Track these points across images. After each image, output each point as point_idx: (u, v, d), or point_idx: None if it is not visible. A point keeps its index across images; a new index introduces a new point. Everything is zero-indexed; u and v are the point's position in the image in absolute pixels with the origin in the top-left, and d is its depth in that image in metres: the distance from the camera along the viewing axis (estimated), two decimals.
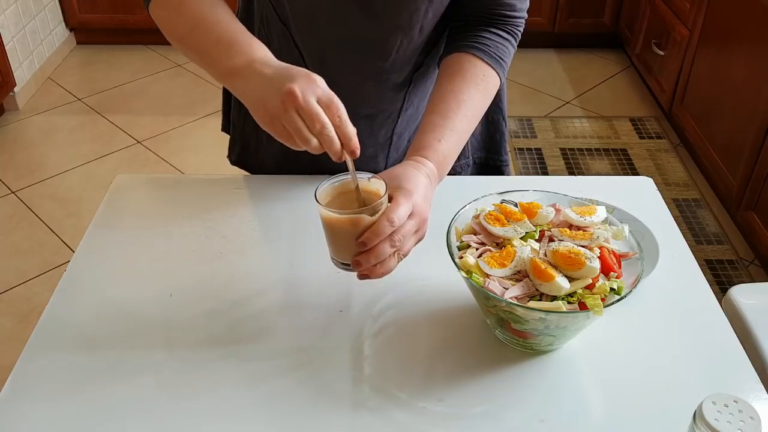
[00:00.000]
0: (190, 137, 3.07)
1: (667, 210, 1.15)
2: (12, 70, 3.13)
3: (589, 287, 0.82)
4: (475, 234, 0.90)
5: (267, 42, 1.04)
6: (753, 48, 2.37)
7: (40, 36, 3.46)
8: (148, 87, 3.46)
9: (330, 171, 0.91)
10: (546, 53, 3.72)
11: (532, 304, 0.80)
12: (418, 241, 0.88)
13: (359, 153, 0.83)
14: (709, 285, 1.01)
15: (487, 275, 0.83)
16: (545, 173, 2.83)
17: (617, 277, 0.83)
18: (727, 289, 1.40)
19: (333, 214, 0.84)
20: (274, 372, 0.87)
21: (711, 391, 0.73)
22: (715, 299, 0.98)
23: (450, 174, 1.22)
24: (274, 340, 0.91)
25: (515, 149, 2.97)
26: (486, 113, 1.24)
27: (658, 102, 3.24)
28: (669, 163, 2.89)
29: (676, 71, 2.94)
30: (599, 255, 0.84)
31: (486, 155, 1.27)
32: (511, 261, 0.84)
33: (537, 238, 0.88)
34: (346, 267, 0.89)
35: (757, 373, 0.88)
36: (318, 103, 0.79)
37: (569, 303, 0.80)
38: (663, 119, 3.19)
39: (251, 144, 1.24)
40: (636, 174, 2.80)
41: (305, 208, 1.12)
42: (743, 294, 1.37)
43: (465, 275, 0.83)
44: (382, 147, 1.17)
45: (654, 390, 0.85)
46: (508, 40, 1.06)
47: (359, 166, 0.93)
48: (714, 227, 2.54)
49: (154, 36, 3.76)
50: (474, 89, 1.01)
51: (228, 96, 1.28)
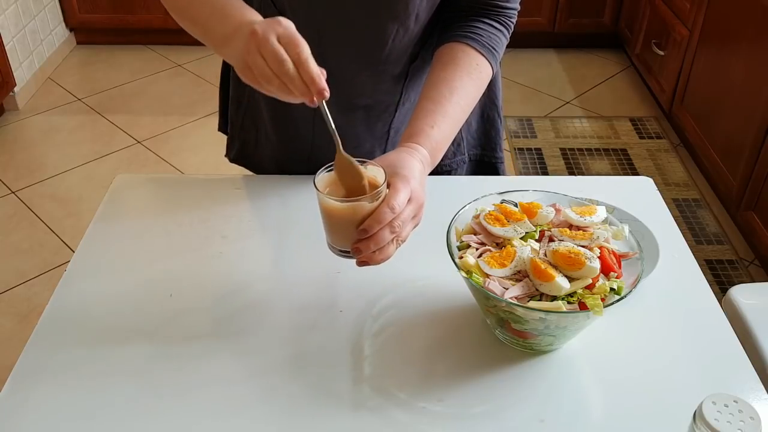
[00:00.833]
0: (190, 137, 3.07)
1: (667, 210, 1.15)
2: (12, 70, 3.13)
3: (589, 287, 0.82)
4: (475, 234, 0.90)
5: None
6: (753, 48, 2.37)
7: (40, 36, 3.46)
8: (148, 87, 3.46)
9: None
10: (546, 53, 3.72)
11: (532, 304, 0.80)
12: (415, 227, 0.88)
13: (328, 94, 0.81)
14: (709, 285, 1.01)
15: (487, 275, 0.83)
16: (545, 173, 2.83)
17: (617, 277, 0.83)
18: (727, 289, 1.40)
19: (333, 201, 0.84)
20: (274, 371, 0.87)
21: (711, 391, 0.73)
22: (715, 299, 0.98)
23: (445, 170, 1.23)
24: (274, 339, 0.91)
25: (515, 149, 2.97)
26: (481, 110, 1.24)
27: (658, 102, 3.24)
28: (669, 163, 2.89)
29: (676, 71, 2.94)
30: (599, 255, 0.84)
31: (481, 152, 1.27)
32: (511, 261, 0.84)
33: (537, 238, 0.88)
34: (344, 254, 0.88)
35: (757, 373, 0.88)
36: (279, 42, 0.79)
37: (569, 303, 0.80)
38: (663, 119, 3.19)
39: (250, 140, 1.24)
40: (636, 174, 2.80)
41: (305, 208, 1.12)
42: (743, 294, 1.37)
43: (465, 275, 0.83)
44: (379, 142, 1.17)
45: (654, 390, 0.85)
46: (500, 31, 1.06)
47: None
48: (714, 227, 2.54)
49: (154, 36, 3.77)
50: (467, 77, 1.01)
51: (225, 95, 1.28)
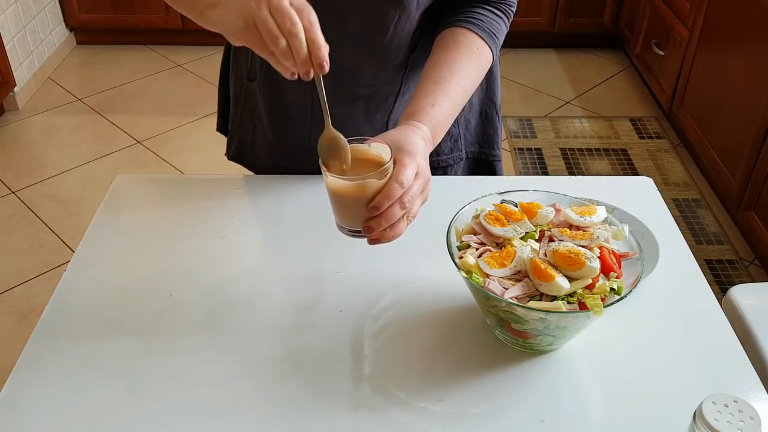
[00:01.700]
0: (190, 137, 3.07)
1: (667, 210, 1.15)
2: (12, 70, 3.13)
3: (589, 287, 0.82)
4: (475, 234, 0.90)
5: None
6: (753, 48, 2.37)
7: (40, 36, 3.46)
8: (148, 87, 3.46)
9: (314, 166, 0.91)
10: (546, 53, 3.72)
11: (532, 304, 0.80)
12: (423, 202, 0.88)
13: (327, 69, 0.81)
14: (709, 285, 1.01)
15: (487, 275, 0.83)
16: (545, 173, 2.83)
17: (617, 277, 0.83)
18: (727, 289, 1.40)
19: (341, 181, 0.83)
20: (274, 371, 0.87)
21: (711, 391, 0.73)
22: (715, 299, 0.98)
23: (442, 166, 1.22)
24: (274, 339, 0.91)
25: (515, 149, 2.97)
26: (480, 107, 1.23)
27: (658, 102, 3.24)
28: (669, 163, 2.89)
29: (676, 71, 2.94)
30: (599, 255, 0.84)
31: (479, 150, 1.27)
32: (511, 261, 0.84)
33: (537, 238, 0.88)
34: (354, 234, 0.88)
35: (757, 373, 0.88)
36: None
37: (569, 303, 0.80)
38: (663, 119, 3.19)
39: (247, 138, 1.24)
40: (636, 174, 2.80)
41: (305, 207, 1.12)
42: (743, 294, 1.37)
43: (465, 275, 0.82)
44: (377, 133, 1.16)
45: (654, 390, 0.85)
46: (501, 18, 1.06)
47: None
48: (714, 227, 2.54)
49: (154, 36, 3.77)
50: (467, 60, 1.01)
51: (225, 95, 1.28)
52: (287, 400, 0.84)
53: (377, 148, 0.87)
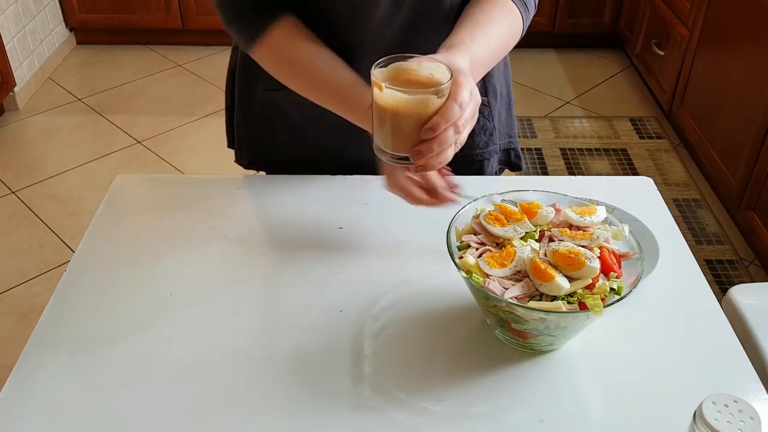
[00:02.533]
0: (190, 137, 3.07)
1: (667, 210, 1.15)
2: (12, 70, 3.13)
3: (589, 287, 0.81)
4: (475, 234, 0.90)
5: None
6: (753, 48, 2.37)
7: (40, 36, 3.46)
8: (148, 87, 3.46)
9: (355, 163, 1.03)
10: (546, 53, 3.72)
11: (532, 304, 0.80)
12: (471, 128, 0.85)
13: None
14: (709, 285, 1.01)
15: (487, 275, 0.83)
16: (545, 173, 2.83)
17: (617, 277, 0.83)
18: (727, 289, 1.40)
19: (399, 95, 0.77)
20: (274, 372, 0.87)
21: (711, 391, 0.73)
22: (715, 299, 0.98)
23: (478, 161, 1.23)
24: (274, 340, 0.91)
25: None
26: (506, 98, 1.23)
27: (658, 102, 3.24)
28: (669, 163, 2.89)
29: (676, 71, 2.94)
30: (599, 255, 0.84)
31: (508, 140, 1.27)
32: (511, 261, 0.84)
33: (537, 238, 0.88)
34: (398, 160, 0.84)
35: (757, 373, 0.88)
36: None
37: (569, 303, 0.80)
38: (663, 119, 3.19)
39: (265, 141, 1.22)
40: (636, 174, 2.80)
41: (306, 207, 1.12)
42: (743, 294, 1.37)
43: (465, 275, 0.82)
44: None
45: (654, 390, 0.85)
46: None
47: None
48: (714, 227, 2.54)
49: (154, 36, 3.76)
50: (502, 16, 0.98)
51: (230, 113, 1.26)
52: (287, 399, 0.84)
53: (429, 68, 0.82)
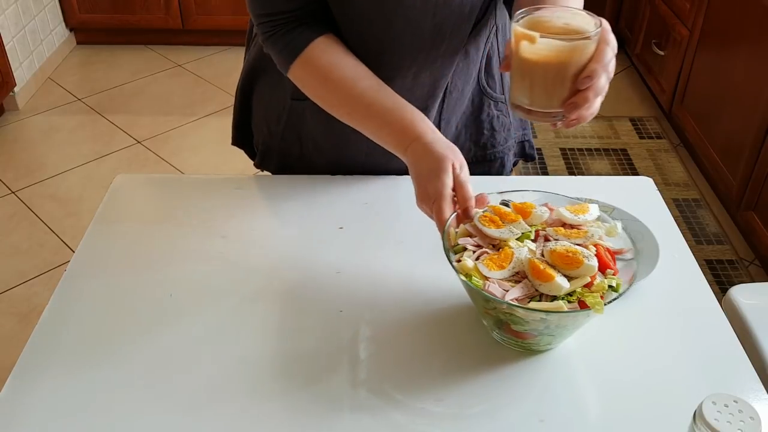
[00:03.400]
0: (190, 137, 3.07)
1: (667, 210, 1.15)
2: (12, 70, 3.13)
3: (588, 285, 0.81)
4: (471, 236, 0.89)
5: None
6: (753, 48, 2.37)
7: (40, 36, 3.46)
8: (148, 87, 3.46)
9: (383, 170, 1.08)
10: None
11: (533, 305, 0.80)
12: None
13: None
14: (709, 285, 1.01)
15: (486, 278, 0.83)
16: (545, 173, 2.83)
17: (614, 274, 0.83)
18: (727, 289, 1.40)
19: (554, 42, 0.74)
20: (272, 373, 0.87)
21: (711, 391, 0.73)
22: (715, 299, 0.98)
23: (500, 158, 1.23)
24: (273, 340, 0.91)
25: None
26: None
27: (658, 102, 3.24)
28: (669, 163, 2.89)
29: (676, 71, 2.94)
30: (596, 253, 0.84)
31: (522, 133, 1.27)
32: (510, 262, 0.84)
33: (533, 238, 0.88)
34: (549, 116, 0.81)
35: (757, 373, 0.88)
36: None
37: (569, 302, 0.80)
38: (663, 119, 3.19)
39: (293, 152, 1.21)
40: (636, 174, 2.80)
41: (306, 207, 1.12)
42: (743, 294, 1.37)
43: (464, 279, 0.82)
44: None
45: (654, 390, 0.85)
46: None
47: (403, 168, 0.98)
48: (714, 227, 2.54)
49: (154, 36, 3.76)
50: None
51: (243, 108, 1.25)
52: (286, 401, 0.84)
53: (562, 17, 0.80)
